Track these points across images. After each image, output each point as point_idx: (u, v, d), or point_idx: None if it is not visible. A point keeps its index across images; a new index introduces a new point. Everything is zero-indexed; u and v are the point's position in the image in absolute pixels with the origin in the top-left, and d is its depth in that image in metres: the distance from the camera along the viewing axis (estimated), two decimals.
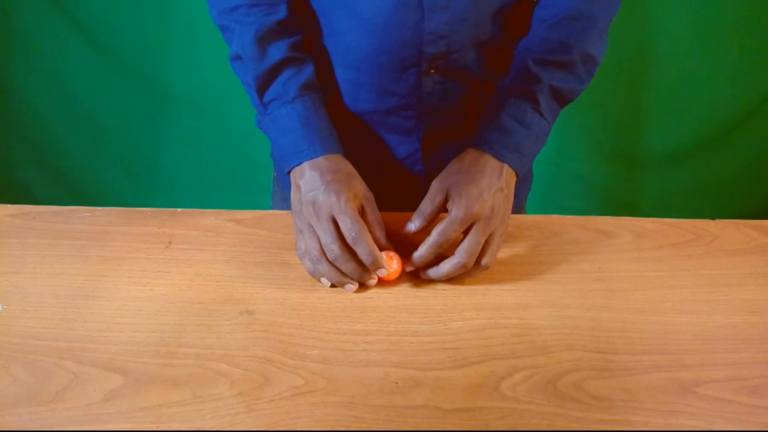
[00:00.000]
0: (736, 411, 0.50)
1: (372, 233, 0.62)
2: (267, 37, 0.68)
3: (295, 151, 0.66)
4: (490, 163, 0.65)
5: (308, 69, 0.70)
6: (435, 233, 0.62)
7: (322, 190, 0.62)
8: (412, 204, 0.66)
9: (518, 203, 0.82)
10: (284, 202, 0.83)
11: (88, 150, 1.55)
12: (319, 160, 0.65)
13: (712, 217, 0.75)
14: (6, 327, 0.57)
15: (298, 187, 0.65)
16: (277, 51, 0.68)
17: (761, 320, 0.60)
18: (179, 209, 0.75)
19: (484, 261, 0.62)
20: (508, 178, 0.66)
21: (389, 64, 0.71)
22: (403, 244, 0.64)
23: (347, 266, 0.61)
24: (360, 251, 0.60)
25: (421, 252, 0.62)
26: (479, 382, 0.52)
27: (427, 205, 0.64)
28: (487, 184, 0.63)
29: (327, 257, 0.61)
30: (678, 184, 1.55)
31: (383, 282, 0.63)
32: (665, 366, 0.54)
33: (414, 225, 0.64)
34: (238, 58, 0.69)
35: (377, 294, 0.62)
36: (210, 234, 0.70)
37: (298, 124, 0.67)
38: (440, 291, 0.63)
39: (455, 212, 0.61)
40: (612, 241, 0.71)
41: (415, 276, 0.64)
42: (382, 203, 0.66)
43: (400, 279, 0.64)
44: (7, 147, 1.54)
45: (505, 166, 0.66)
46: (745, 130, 1.48)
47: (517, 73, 0.70)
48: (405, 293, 0.63)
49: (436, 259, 0.62)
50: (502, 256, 0.68)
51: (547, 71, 0.68)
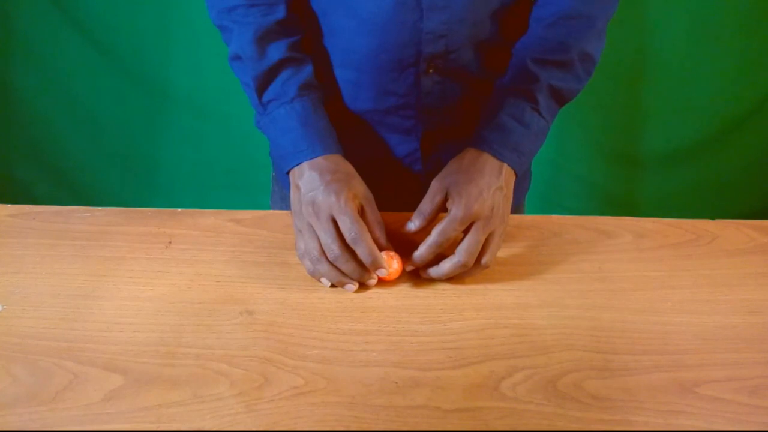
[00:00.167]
0: (736, 411, 0.50)
1: (372, 233, 0.62)
2: (266, 37, 0.68)
3: (295, 151, 0.66)
4: (489, 163, 0.65)
5: (307, 69, 0.70)
6: (435, 233, 0.62)
7: (322, 190, 0.62)
8: (412, 203, 0.66)
9: (516, 202, 0.82)
10: (283, 201, 0.83)
11: (88, 150, 1.55)
12: (319, 160, 0.65)
13: (712, 217, 0.75)
14: (6, 327, 0.57)
15: (298, 187, 0.65)
16: (276, 51, 0.68)
17: (761, 320, 0.60)
18: (179, 209, 0.75)
19: (484, 260, 0.62)
20: (508, 177, 0.66)
21: (388, 64, 0.71)
22: (403, 244, 0.64)
23: (347, 266, 0.61)
24: (360, 251, 0.60)
25: (421, 251, 0.62)
26: (479, 382, 0.52)
27: (426, 204, 0.64)
28: (486, 183, 0.63)
29: (327, 257, 0.61)
30: (678, 184, 1.55)
31: (383, 282, 0.63)
32: (665, 366, 0.54)
33: (414, 224, 0.64)
34: (237, 58, 0.69)
35: (377, 294, 0.62)
36: (210, 234, 0.70)
37: (297, 124, 0.67)
38: (440, 291, 0.63)
39: (455, 211, 0.61)
40: (612, 241, 0.71)
41: (415, 276, 0.64)
42: (381, 203, 0.66)
43: (400, 279, 0.64)
44: (7, 147, 1.54)
45: (505, 165, 0.66)
46: (745, 130, 1.47)
47: (515, 73, 0.70)
48: (405, 293, 0.63)
49: (436, 259, 0.63)
50: (502, 255, 0.68)
51: (545, 70, 0.69)
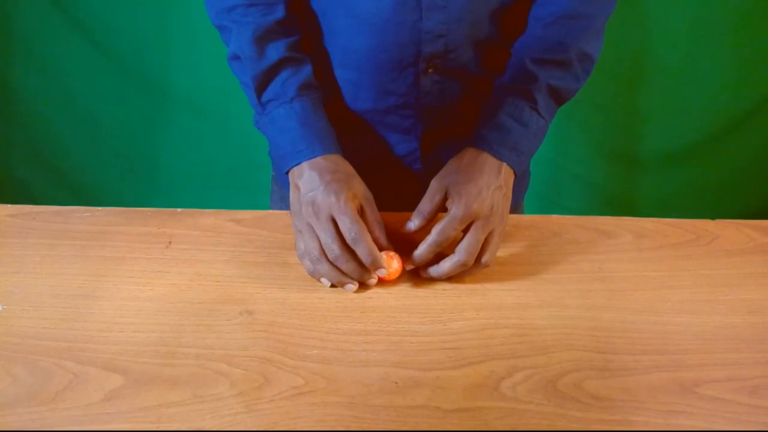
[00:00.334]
0: (736, 411, 0.50)
1: (371, 233, 0.62)
2: (265, 37, 0.68)
3: (294, 151, 0.66)
4: (488, 162, 0.65)
5: (306, 69, 0.70)
6: (435, 232, 0.62)
7: (322, 190, 0.62)
8: (412, 203, 0.66)
9: (515, 201, 0.82)
10: (282, 201, 0.83)
11: (88, 150, 1.55)
12: (318, 160, 0.65)
13: (712, 217, 0.75)
14: (6, 327, 0.57)
15: (297, 188, 0.65)
16: (275, 51, 0.68)
17: (761, 320, 0.60)
18: (179, 209, 0.75)
19: (484, 259, 0.62)
20: (507, 176, 0.66)
21: (388, 64, 0.71)
22: (403, 244, 0.64)
23: (347, 266, 0.61)
24: (359, 251, 0.60)
25: (421, 251, 0.62)
26: (479, 382, 0.52)
27: (426, 204, 0.64)
28: (486, 182, 0.63)
29: (327, 257, 0.61)
30: (678, 184, 1.55)
31: (383, 282, 0.63)
32: (665, 366, 0.54)
33: (413, 224, 0.64)
34: (236, 58, 0.69)
35: (377, 294, 0.62)
36: (210, 234, 0.70)
37: (296, 124, 0.67)
38: (440, 291, 0.63)
39: (455, 211, 0.61)
40: (612, 241, 0.71)
41: (415, 276, 0.64)
42: (381, 202, 0.66)
43: (400, 279, 0.64)
44: (7, 147, 1.54)
45: (504, 164, 0.66)
46: (745, 130, 1.47)
47: (514, 72, 0.70)
48: (405, 293, 0.63)
49: (436, 258, 0.63)
50: (502, 255, 0.68)
51: (544, 70, 0.69)
